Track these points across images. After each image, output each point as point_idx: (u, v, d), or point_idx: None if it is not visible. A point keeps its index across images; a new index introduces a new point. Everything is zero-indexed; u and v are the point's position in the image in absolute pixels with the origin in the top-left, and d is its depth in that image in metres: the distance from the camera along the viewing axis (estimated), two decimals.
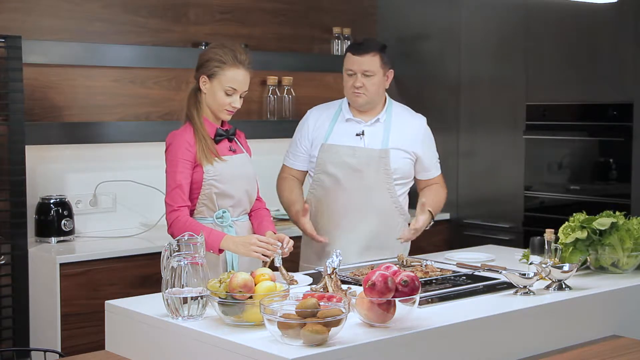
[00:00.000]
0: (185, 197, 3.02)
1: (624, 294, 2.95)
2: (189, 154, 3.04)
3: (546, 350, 2.67)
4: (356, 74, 3.38)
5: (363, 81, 3.37)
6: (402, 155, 3.43)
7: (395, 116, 3.48)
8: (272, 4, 4.89)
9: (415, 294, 2.37)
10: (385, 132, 3.43)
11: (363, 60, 3.37)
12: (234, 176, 3.12)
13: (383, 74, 3.41)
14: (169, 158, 3.07)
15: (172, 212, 3.00)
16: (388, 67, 3.43)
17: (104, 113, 4.25)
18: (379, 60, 3.38)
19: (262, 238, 2.95)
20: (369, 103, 3.43)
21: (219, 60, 3.06)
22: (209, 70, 3.07)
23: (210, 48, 3.12)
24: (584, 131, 4.44)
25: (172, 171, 3.04)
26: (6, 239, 3.64)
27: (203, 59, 3.10)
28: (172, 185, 3.03)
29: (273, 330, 2.21)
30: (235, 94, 3.08)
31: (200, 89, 3.11)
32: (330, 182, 3.45)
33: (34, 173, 3.99)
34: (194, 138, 3.06)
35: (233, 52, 3.07)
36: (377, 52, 3.38)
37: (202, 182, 3.05)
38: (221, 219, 3.10)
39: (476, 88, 4.94)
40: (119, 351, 2.64)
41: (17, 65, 3.62)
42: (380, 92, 3.44)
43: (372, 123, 3.45)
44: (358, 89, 3.38)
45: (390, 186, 3.40)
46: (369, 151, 3.41)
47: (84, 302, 3.67)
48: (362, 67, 3.37)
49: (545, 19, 4.57)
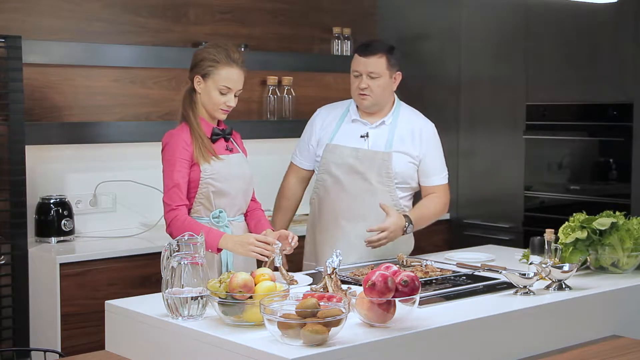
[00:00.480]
0: (183, 196, 3.02)
1: (624, 294, 2.95)
2: (186, 152, 3.03)
3: (546, 350, 2.67)
4: (362, 75, 3.36)
5: (368, 83, 3.35)
6: (406, 159, 3.41)
7: (402, 119, 3.45)
8: (272, 4, 4.89)
9: (415, 294, 2.37)
10: (390, 135, 3.41)
11: (369, 61, 3.34)
12: (230, 175, 3.12)
13: (389, 76, 3.38)
14: (166, 157, 3.07)
15: (171, 211, 3.00)
16: (395, 69, 3.40)
17: (104, 113, 4.25)
18: (385, 62, 3.35)
19: (260, 237, 2.94)
20: (375, 105, 3.41)
21: (212, 59, 3.06)
22: (202, 70, 3.07)
23: (204, 48, 3.13)
24: (584, 131, 4.44)
25: (169, 170, 3.03)
26: (6, 239, 3.63)
27: (197, 59, 3.10)
28: (170, 185, 3.02)
29: (273, 330, 2.21)
30: (229, 92, 3.08)
31: (194, 89, 3.12)
32: (332, 183, 3.45)
33: (34, 173, 3.99)
34: (191, 137, 3.06)
35: (226, 51, 3.07)
36: (383, 54, 3.35)
37: (199, 181, 3.05)
38: (217, 219, 3.10)
39: (476, 88, 4.94)
40: (119, 351, 2.64)
41: (17, 65, 3.61)
42: (387, 94, 3.41)
43: (378, 125, 3.43)
44: (363, 90, 3.36)
45: (391, 189, 3.39)
46: (372, 153, 3.39)
47: (84, 302, 3.67)
48: (367, 69, 3.34)
49: (545, 19, 4.57)
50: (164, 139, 3.09)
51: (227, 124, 3.22)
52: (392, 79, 3.41)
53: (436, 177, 3.48)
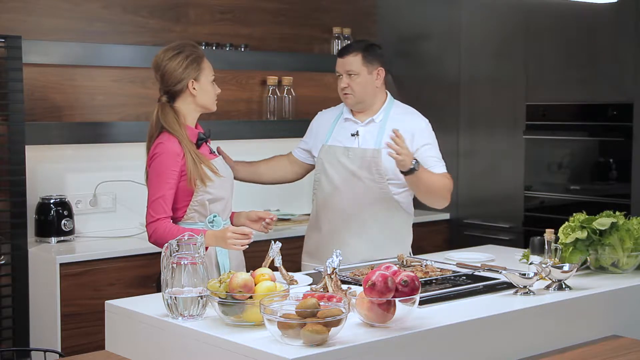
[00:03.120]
0: (167, 208, 3.00)
1: (624, 294, 2.95)
2: (177, 164, 3.02)
3: (546, 350, 2.67)
4: (342, 75, 3.44)
5: (348, 81, 3.42)
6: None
7: (393, 117, 3.46)
8: (272, 4, 4.89)
9: (415, 294, 2.37)
10: (380, 132, 3.42)
11: (345, 61, 3.42)
12: (222, 180, 3.14)
13: (368, 72, 3.41)
14: (155, 168, 3.03)
15: (151, 223, 2.99)
16: (375, 65, 3.42)
17: (104, 113, 4.25)
18: (360, 59, 3.40)
19: (235, 229, 2.95)
20: (359, 103, 3.45)
21: (195, 57, 3.08)
22: (194, 72, 3.08)
23: (172, 56, 3.07)
24: (584, 131, 4.44)
25: (157, 181, 3.01)
26: (6, 239, 3.64)
27: (178, 70, 3.05)
28: (155, 196, 3.00)
29: (273, 330, 2.21)
30: (214, 80, 3.15)
31: (169, 100, 3.10)
32: (327, 183, 3.47)
33: (34, 173, 3.99)
34: (181, 147, 3.03)
35: (192, 45, 3.12)
36: (358, 52, 3.40)
37: (195, 190, 3.04)
38: (212, 223, 3.10)
39: (476, 88, 4.94)
40: (119, 351, 2.64)
41: (17, 65, 3.62)
42: (369, 91, 3.43)
43: (367, 123, 3.46)
44: (344, 89, 3.43)
45: (383, 185, 3.39)
46: (361, 151, 3.42)
47: (84, 302, 3.67)
48: (344, 68, 3.42)
49: (545, 19, 4.57)
50: (154, 150, 3.05)
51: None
52: (373, 76, 3.43)
53: (434, 168, 3.39)
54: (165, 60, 3.08)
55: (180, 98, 3.11)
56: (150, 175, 3.05)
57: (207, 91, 3.11)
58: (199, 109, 3.15)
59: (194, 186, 3.03)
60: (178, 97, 3.10)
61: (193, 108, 3.13)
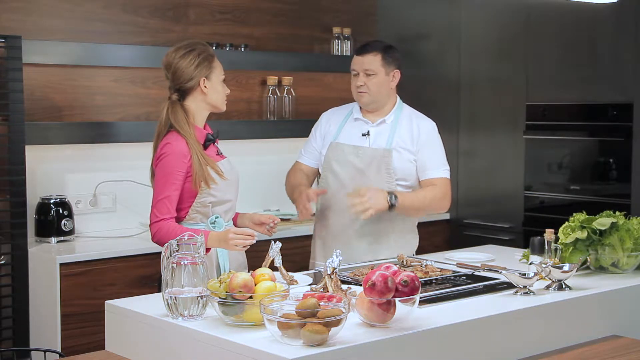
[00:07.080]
0: (171, 208, 3.01)
1: (624, 294, 2.95)
2: (184, 165, 3.02)
3: (546, 350, 2.67)
4: (359, 74, 3.44)
5: (365, 80, 3.43)
6: (406, 156, 3.43)
7: (404, 119, 3.49)
8: (272, 4, 4.89)
9: (415, 294, 2.37)
10: (391, 133, 3.44)
11: (364, 59, 3.43)
12: (227, 184, 3.13)
13: (385, 73, 3.43)
14: (162, 168, 3.03)
15: (155, 223, 2.99)
16: (393, 67, 3.45)
17: (104, 113, 4.25)
18: (380, 60, 3.42)
19: (237, 230, 2.96)
20: (373, 102, 3.46)
21: (207, 56, 3.09)
22: (206, 70, 3.08)
23: (184, 54, 3.07)
24: (584, 131, 4.44)
25: (163, 182, 3.01)
26: (6, 239, 3.64)
27: (190, 67, 3.06)
28: (160, 196, 3.00)
29: (273, 330, 2.21)
30: (224, 80, 3.16)
31: (179, 99, 3.09)
32: (334, 180, 3.48)
33: (34, 173, 3.99)
34: (188, 148, 3.04)
35: (204, 45, 3.12)
36: (378, 52, 3.43)
37: (199, 192, 3.04)
38: (214, 224, 3.10)
39: (476, 88, 4.94)
40: (119, 351, 2.64)
41: (17, 65, 3.62)
42: (384, 91, 3.46)
43: (378, 124, 3.48)
44: (360, 87, 3.44)
45: (391, 185, 3.40)
46: (373, 151, 3.42)
47: (84, 302, 3.67)
48: (363, 67, 3.43)
49: (545, 19, 4.57)
50: (161, 149, 3.04)
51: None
52: (389, 77, 3.45)
53: (433, 170, 3.44)
54: (177, 59, 3.08)
55: (191, 96, 3.11)
56: (156, 174, 3.05)
57: (218, 90, 3.12)
58: (209, 108, 3.14)
59: (198, 187, 3.03)
60: (189, 95, 3.10)
61: (203, 107, 3.13)
